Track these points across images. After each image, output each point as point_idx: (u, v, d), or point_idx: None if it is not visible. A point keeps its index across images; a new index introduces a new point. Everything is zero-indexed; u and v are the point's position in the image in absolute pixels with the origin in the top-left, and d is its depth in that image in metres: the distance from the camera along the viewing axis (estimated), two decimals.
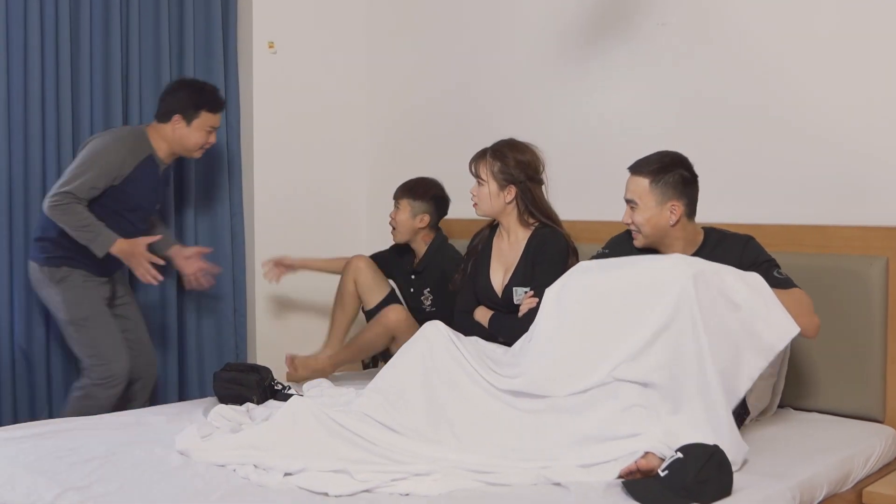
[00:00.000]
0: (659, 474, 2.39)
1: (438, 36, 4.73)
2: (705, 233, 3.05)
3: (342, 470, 2.51)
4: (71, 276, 3.78)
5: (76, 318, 3.79)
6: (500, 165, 3.38)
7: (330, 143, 4.95)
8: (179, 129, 3.86)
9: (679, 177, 2.95)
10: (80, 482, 2.50)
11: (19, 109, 3.98)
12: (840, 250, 3.27)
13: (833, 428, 3.12)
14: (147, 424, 3.17)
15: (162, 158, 3.92)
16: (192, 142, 3.89)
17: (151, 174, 3.89)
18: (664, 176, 2.94)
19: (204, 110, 3.87)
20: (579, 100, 4.12)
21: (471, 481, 2.51)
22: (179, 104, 3.86)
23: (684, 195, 2.96)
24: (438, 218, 4.04)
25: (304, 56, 4.83)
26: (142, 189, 3.86)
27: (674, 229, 2.97)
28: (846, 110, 3.33)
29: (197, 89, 3.91)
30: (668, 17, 3.78)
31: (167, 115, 3.87)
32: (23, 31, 3.97)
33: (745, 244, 2.98)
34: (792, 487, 2.51)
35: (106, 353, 3.77)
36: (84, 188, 3.65)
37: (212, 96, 3.92)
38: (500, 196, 3.39)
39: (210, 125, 3.90)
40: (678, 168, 2.97)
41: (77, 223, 3.65)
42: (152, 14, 4.35)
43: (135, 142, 3.83)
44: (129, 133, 3.89)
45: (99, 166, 3.69)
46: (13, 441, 2.91)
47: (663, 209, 2.94)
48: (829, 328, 3.23)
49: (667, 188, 2.94)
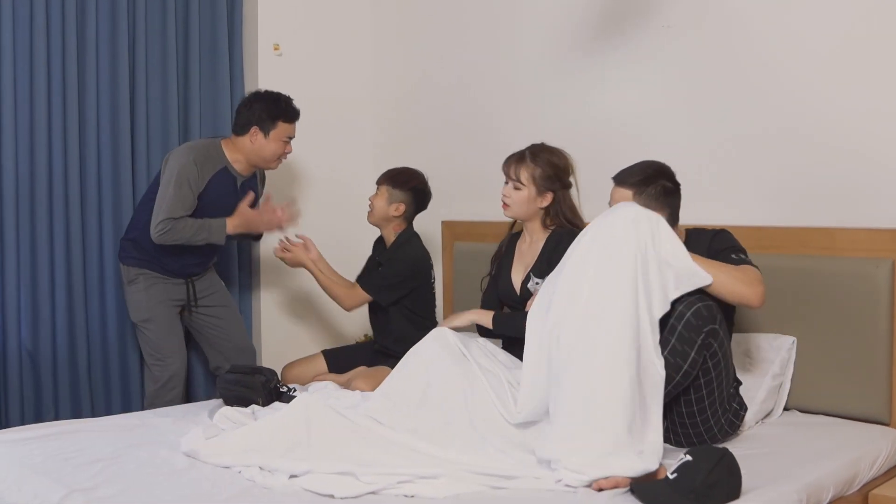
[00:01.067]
0: (668, 477, 2.39)
1: (442, 35, 4.74)
2: (686, 234, 3.04)
3: (348, 472, 2.50)
4: (139, 278, 3.96)
5: (138, 319, 4.00)
6: (542, 171, 3.37)
7: (335, 142, 4.95)
8: (258, 141, 3.91)
9: (661, 188, 2.96)
10: (86, 484, 2.51)
11: (25, 114, 3.99)
12: (846, 253, 3.27)
13: (839, 430, 3.11)
14: (152, 426, 3.17)
15: (239, 171, 3.98)
16: (269, 152, 3.94)
17: (227, 185, 3.96)
18: (646, 188, 2.95)
19: (280, 121, 3.92)
20: (583, 99, 4.12)
21: (477, 485, 2.51)
22: (256, 116, 3.90)
23: (667, 205, 2.96)
24: (416, 210, 4.06)
25: (309, 58, 4.84)
26: (218, 200, 3.92)
27: None
28: (853, 113, 3.32)
29: (272, 100, 3.95)
30: (673, 19, 3.78)
31: (245, 128, 3.92)
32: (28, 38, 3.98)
33: (714, 234, 3.02)
34: (798, 490, 2.50)
35: (164, 353, 3.97)
36: (175, 209, 3.78)
37: (287, 106, 3.96)
38: (537, 201, 3.39)
39: (287, 135, 3.96)
40: (660, 179, 2.98)
41: (188, 235, 3.82)
42: (158, 16, 4.36)
43: (206, 155, 3.89)
44: (201, 146, 3.94)
45: (178, 185, 3.79)
46: (19, 443, 2.92)
47: None
48: (835, 330, 3.23)
49: (649, 200, 2.93)
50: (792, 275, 3.32)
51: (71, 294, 4.13)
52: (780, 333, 3.35)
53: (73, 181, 4.11)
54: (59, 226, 4.08)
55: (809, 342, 3.30)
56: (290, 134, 3.98)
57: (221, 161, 3.93)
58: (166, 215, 3.77)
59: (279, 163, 4.04)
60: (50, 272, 4.07)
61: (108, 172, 4.23)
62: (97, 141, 4.19)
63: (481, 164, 4.52)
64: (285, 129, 3.95)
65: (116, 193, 4.23)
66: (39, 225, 4.03)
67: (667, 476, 2.40)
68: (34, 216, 4.03)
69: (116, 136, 4.24)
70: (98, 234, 4.20)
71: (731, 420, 2.93)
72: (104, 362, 4.26)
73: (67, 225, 4.11)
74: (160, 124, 4.38)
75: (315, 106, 4.81)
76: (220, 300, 4.21)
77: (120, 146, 4.25)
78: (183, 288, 4.05)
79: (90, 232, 4.18)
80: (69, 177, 4.10)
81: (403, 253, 3.97)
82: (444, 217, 4.64)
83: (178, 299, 4.06)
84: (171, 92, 4.39)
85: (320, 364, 4.07)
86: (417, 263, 3.97)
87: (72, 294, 4.13)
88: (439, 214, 4.61)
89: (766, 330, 3.39)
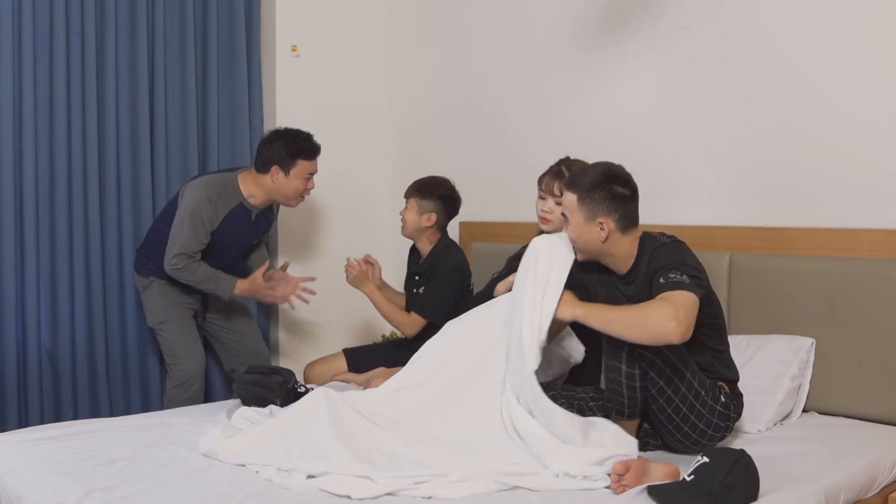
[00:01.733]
0: (685, 478, 2.38)
1: (459, 39, 4.74)
2: (640, 243, 2.90)
3: (365, 475, 2.51)
4: (152, 285, 4.04)
5: (154, 322, 4.09)
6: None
7: (352, 144, 4.96)
8: (279, 180, 3.94)
9: (607, 192, 2.83)
10: (105, 483, 2.52)
11: (45, 118, 4.03)
12: (866, 254, 3.25)
13: (858, 432, 3.09)
14: (171, 426, 3.18)
15: (254, 205, 4.02)
16: (291, 190, 3.97)
17: (243, 221, 4.02)
18: (591, 193, 2.84)
19: (301, 158, 3.93)
20: (595, 101, 4.11)
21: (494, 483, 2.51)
22: (276, 155, 3.92)
23: (614, 210, 2.83)
24: (447, 218, 4.05)
25: (326, 59, 4.85)
26: (233, 235, 4.00)
27: (606, 245, 2.87)
28: (873, 112, 3.30)
29: (291, 139, 3.95)
30: (686, 20, 3.76)
31: (266, 167, 3.94)
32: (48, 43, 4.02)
33: (654, 249, 2.83)
34: (817, 492, 2.49)
35: (179, 353, 4.03)
36: (189, 245, 3.85)
37: (306, 144, 3.96)
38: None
39: (308, 172, 3.97)
40: (609, 184, 2.84)
41: (199, 279, 3.91)
42: (177, 20, 4.39)
43: (222, 192, 3.93)
44: (217, 183, 3.96)
45: (192, 223, 3.85)
46: (39, 442, 2.93)
47: (592, 226, 2.86)
48: (854, 332, 3.21)
49: (594, 205, 2.83)
50: (811, 276, 3.30)
51: (90, 295, 4.16)
52: (799, 335, 3.33)
53: (92, 183, 4.14)
54: (79, 227, 4.11)
55: (828, 344, 3.28)
56: (311, 170, 3.99)
57: (237, 197, 3.97)
58: (179, 251, 3.84)
59: (300, 200, 4.06)
60: (69, 273, 4.10)
61: (127, 175, 4.26)
62: (116, 144, 4.22)
63: (498, 166, 4.54)
64: (306, 166, 3.96)
65: (135, 195, 4.26)
66: (59, 227, 4.06)
67: (684, 478, 2.39)
68: (54, 218, 4.06)
69: (135, 139, 4.27)
70: (117, 235, 4.23)
71: (718, 423, 2.83)
72: (123, 362, 4.28)
73: (86, 226, 4.14)
74: (179, 127, 4.41)
75: (332, 107, 4.85)
76: (234, 306, 4.23)
77: (139, 149, 4.28)
78: (197, 296, 4.12)
79: (109, 233, 4.21)
80: (88, 179, 4.13)
81: (444, 264, 3.95)
82: (462, 218, 4.63)
83: (192, 303, 4.12)
84: (190, 94, 4.41)
85: (341, 363, 4.08)
86: (462, 277, 3.97)
87: (91, 295, 4.16)
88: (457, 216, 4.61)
89: (785, 331, 3.37)
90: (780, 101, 3.53)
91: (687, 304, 2.62)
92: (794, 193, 3.51)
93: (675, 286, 2.66)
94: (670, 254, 2.79)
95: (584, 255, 2.93)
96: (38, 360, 4.04)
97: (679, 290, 2.65)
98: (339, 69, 4.90)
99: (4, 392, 3.97)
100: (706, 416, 2.79)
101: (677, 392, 2.74)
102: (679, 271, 2.70)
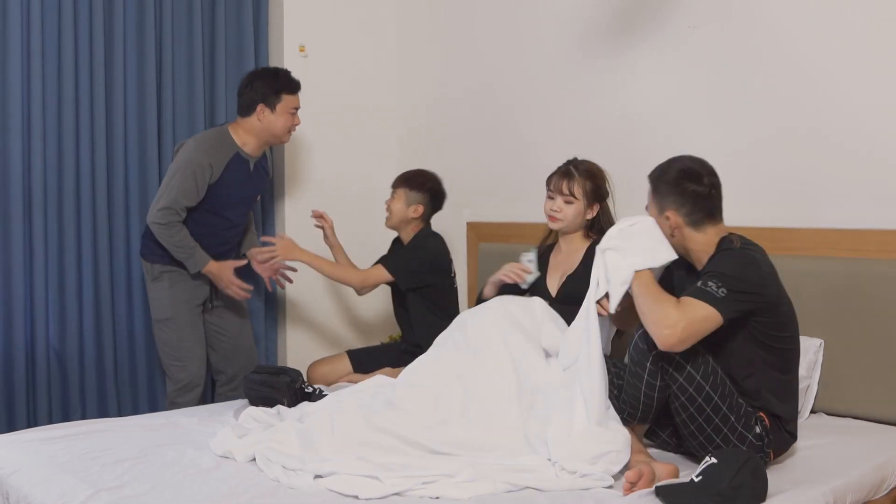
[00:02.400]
0: (693, 479, 2.38)
1: (466, 37, 4.74)
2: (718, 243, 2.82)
3: (372, 475, 2.51)
4: (163, 276, 3.97)
5: (159, 317, 4.00)
6: (591, 185, 3.46)
7: (360, 143, 4.97)
8: (266, 118, 3.94)
9: (675, 186, 2.79)
10: (113, 483, 2.53)
11: (53, 116, 4.04)
12: (875, 254, 3.23)
13: (867, 433, 3.08)
14: (178, 426, 3.19)
15: (249, 153, 4.00)
16: (280, 127, 3.97)
17: (242, 171, 3.99)
18: (660, 186, 2.81)
19: (284, 93, 3.95)
20: (606, 100, 4.10)
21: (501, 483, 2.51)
22: (259, 94, 3.93)
23: (682, 205, 2.78)
24: (433, 211, 4.11)
25: (334, 59, 4.85)
26: (235, 187, 3.96)
27: (676, 239, 2.82)
28: (882, 112, 3.28)
29: (271, 75, 3.99)
30: (698, 18, 3.75)
31: (250, 108, 3.95)
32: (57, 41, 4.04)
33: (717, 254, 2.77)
34: (825, 493, 2.48)
35: (184, 354, 3.97)
36: (178, 202, 3.80)
37: (287, 78, 3.99)
38: (585, 213, 3.48)
39: (293, 106, 3.99)
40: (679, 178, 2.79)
41: (174, 242, 3.85)
42: (185, 19, 4.39)
43: (217, 144, 3.91)
44: (210, 137, 3.97)
45: (186, 178, 3.81)
46: (47, 442, 2.94)
47: (661, 219, 2.83)
48: (863, 333, 3.20)
49: (662, 198, 2.81)
50: (820, 277, 3.29)
51: (98, 294, 4.17)
52: (807, 336, 3.32)
53: (100, 183, 4.15)
54: (87, 227, 4.12)
55: (837, 344, 3.27)
56: (295, 105, 4.01)
57: (233, 147, 3.95)
58: (166, 204, 3.79)
59: (290, 136, 4.07)
60: (77, 272, 4.11)
61: (135, 175, 4.27)
62: (124, 143, 4.23)
63: (505, 166, 4.53)
64: (290, 100, 3.98)
65: (143, 195, 4.26)
66: (67, 226, 4.07)
67: (692, 478, 2.39)
68: (62, 218, 4.07)
69: (143, 138, 4.28)
70: (125, 235, 4.24)
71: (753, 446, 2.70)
72: (131, 362, 4.29)
73: (95, 226, 4.15)
74: (186, 125, 4.41)
75: (340, 107, 4.85)
76: (233, 304, 4.20)
77: (147, 148, 4.28)
78: (205, 287, 4.06)
79: (117, 233, 4.22)
80: (96, 178, 4.14)
81: (423, 246, 4.03)
82: (469, 218, 4.64)
83: (201, 298, 4.07)
84: (198, 93, 4.42)
85: (345, 364, 4.09)
86: (437, 258, 4.02)
87: (99, 294, 4.17)
88: (464, 216, 4.62)
89: None
90: (786, 103, 3.52)
91: (696, 317, 2.57)
92: (802, 194, 3.50)
93: (701, 295, 2.61)
94: (726, 261, 2.71)
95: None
96: (46, 359, 4.05)
97: (701, 300, 2.60)
98: (347, 69, 4.90)
99: (13, 392, 3.98)
100: (734, 443, 2.67)
101: (701, 412, 2.65)
102: (720, 282, 2.63)
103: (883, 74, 3.27)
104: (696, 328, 2.57)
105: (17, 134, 3.94)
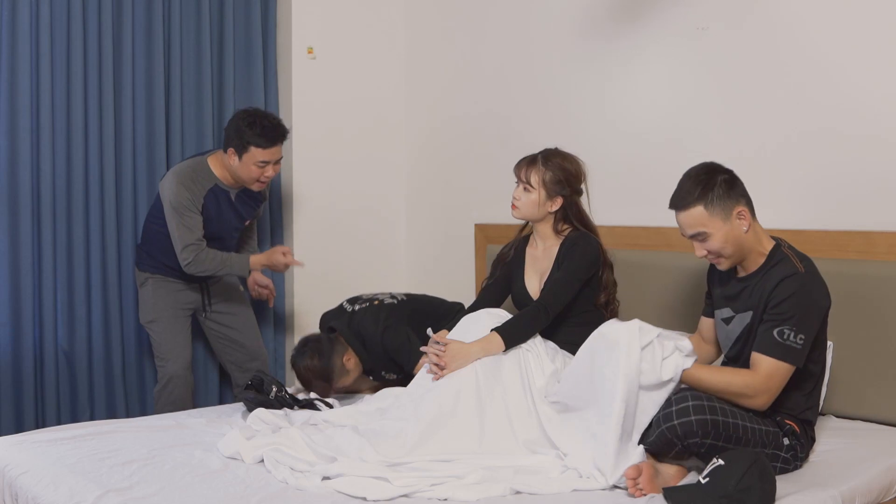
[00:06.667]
0: (700, 481, 2.37)
1: (474, 40, 4.73)
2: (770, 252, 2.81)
3: (381, 477, 2.51)
4: (148, 281, 4.00)
5: (145, 320, 4.03)
6: (552, 175, 3.33)
7: (368, 148, 4.97)
8: (233, 162, 3.79)
9: (721, 182, 2.76)
10: (121, 484, 2.53)
11: (62, 119, 4.06)
12: (884, 257, 3.22)
13: (876, 436, 3.06)
14: (187, 427, 3.20)
15: (229, 185, 3.90)
16: (245, 175, 3.80)
17: (222, 201, 3.91)
18: (710, 192, 2.74)
19: (253, 146, 3.72)
20: (614, 105, 4.09)
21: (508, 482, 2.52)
22: (233, 137, 3.76)
23: (741, 195, 2.78)
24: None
25: (342, 63, 4.85)
26: (216, 217, 3.90)
27: (747, 237, 2.78)
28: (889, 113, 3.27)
29: (248, 123, 3.73)
30: (710, 18, 3.74)
31: (225, 146, 3.82)
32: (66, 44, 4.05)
33: (781, 280, 2.69)
34: (833, 496, 2.48)
35: (165, 353, 3.98)
36: (188, 238, 3.77)
37: (262, 131, 3.72)
38: (546, 205, 3.36)
39: (260, 160, 3.75)
40: (716, 174, 2.78)
41: (214, 267, 3.84)
42: (193, 20, 4.40)
43: (193, 177, 3.82)
44: (186, 170, 3.84)
45: (180, 216, 3.78)
46: (56, 442, 2.95)
47: (732, 221, 2.76)
48: (873, 335, 3.19)
49: (721, 201, 2.74)
50: (829, 279, 3.24)
51: (106, 295, 4.18)
52: None
53: (108, 184, 4.16)
54: (95, 229, 4.13)
55: (847, 347, 3.25)
56: (264, 158, 3.75)
57: (210, 179, 3.86)
58: (182, 244, 3.77)
59: (261, 185, 3.88)
60: (86, 273, 4.12)
61: (144, 176, 4.28)
62: (133, 145, 4.24)
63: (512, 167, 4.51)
64: (258, 153, 3.73)
65: (151, 196, 4.27)
66: (76, 228, 4.09)
67: (699, 480, 2.38)
68: (70, 219, 4.08)
69: (152, 140, 4.29)
70: (133, 236, 4.25)
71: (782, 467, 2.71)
72: (139, 363, 4.30)
73: (103, 228, 4.16)
74: (195, 128, 4.43)
75: (348, 108, 4.85)
76: (235, 305, 4.20)
77: (155, 150, 4.30)
78: (195, 292, 4.06)
79: (126, 234, 4.23)
80: (105, 180, 4.15)
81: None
82: (477, 220, 4.63)
83: (188, 303, 4.06)
84: (206, 95, 4.43)
85: None
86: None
87: (107, 295, 4.18)
88: (471, 217, 4.61)
89: None
90: (796, 104, 3.51)
91: (780, 378, 2.62)
92: (812, 196, 3.49)
93: (779, 353, 2.61)
94: (798, 294, 2.65)
95: (732, 261, 2.82)
96: (55, 360, 4.06)
97: (780, 360, 2.61)
98: (355, 73, 4.90)
99: (22, 393, 3.99)
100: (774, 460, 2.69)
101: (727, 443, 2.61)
102: (796, 329, 2.61)
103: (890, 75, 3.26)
104: (781, 385, 2.65)
105: (27, 135, 3.96)
